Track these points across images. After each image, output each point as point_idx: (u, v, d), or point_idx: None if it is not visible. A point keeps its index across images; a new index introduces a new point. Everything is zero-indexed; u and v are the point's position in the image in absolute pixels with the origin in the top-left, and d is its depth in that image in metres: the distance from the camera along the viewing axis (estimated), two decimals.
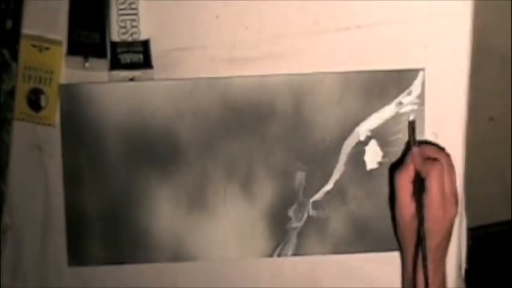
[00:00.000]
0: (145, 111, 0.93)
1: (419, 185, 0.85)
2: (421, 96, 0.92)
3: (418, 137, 0.92)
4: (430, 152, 0.87)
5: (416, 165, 0.85)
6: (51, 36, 0.93)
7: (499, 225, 1.44)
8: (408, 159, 0.87)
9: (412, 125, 0.90)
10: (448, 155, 0.87)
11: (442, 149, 0.89)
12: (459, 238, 0.94)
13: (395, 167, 0.89)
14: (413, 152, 0.86)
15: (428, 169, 0.84)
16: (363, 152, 0.93)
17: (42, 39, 0.93)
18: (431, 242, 0.84)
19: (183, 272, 0.95)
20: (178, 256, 0.94)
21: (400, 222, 0.87)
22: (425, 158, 0.86)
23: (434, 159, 0.85)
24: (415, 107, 0.92)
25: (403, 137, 0.92)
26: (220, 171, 0.93)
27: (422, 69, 0.92)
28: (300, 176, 0.93)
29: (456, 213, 0.85)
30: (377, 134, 0.92)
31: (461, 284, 0.95)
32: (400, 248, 0.89)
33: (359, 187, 0.93)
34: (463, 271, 0.96)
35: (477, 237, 0.97)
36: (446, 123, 0.92)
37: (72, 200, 0.94)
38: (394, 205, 0.87)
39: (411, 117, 0.90)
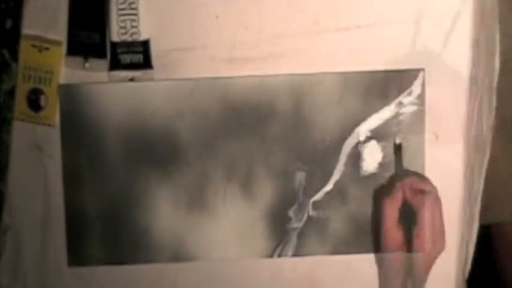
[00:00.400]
0: (145, 112, 0.93)
1: (407, 215, 0.85)
2: (421, 97, 0.92)
3: (418, 138, 0.92)
4: (420, 183, 0.87)
5: (407, 195, 0.86)
6: (51, 36, 0.93)
7: (499, 225, 1.43)
8: (397, 187, 0.87)
9: (398, 148, 0.90)
10: (435, 188, 0.87)
11: (429, 181, 0.89)
12: (460, 242, 0.94)
13: (379, 192, 0.90)
14: (405, 183, 0.87)
15: (421, 202, 0.85)
16: (363, 152, 0.93)
17: (42, 39, 0.93)
18: (419, 273, 0.85)
19: (183, 272, 0.95)
20: (178, 256, 0.94)
21: (384, 253, 0.87)
22: (416, 189, 0.86)
23: (425, 191, 0.86)
24: (415, 107, 0.92)
25: (403, 137, 0.92)
26: (220, 171, 0.93)
27: (423, 69, 0.91)
28: (300, 176, 0.93)
29: (443, 248, 0.86)
30: (377, 134, 0.92)
31: (463, 283, 0.95)
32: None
33: (359, 187, 0.93)
34: (466, 273, 0.96)
35: (477, 237, 0.97)
36: (446, 123, 0.92)
37: (72, 200, 0.94)
38: (378, 233, 0.87)
39: (397, 140, 0.90)
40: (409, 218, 0.85)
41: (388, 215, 0.86)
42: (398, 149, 0.90)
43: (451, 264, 0.93)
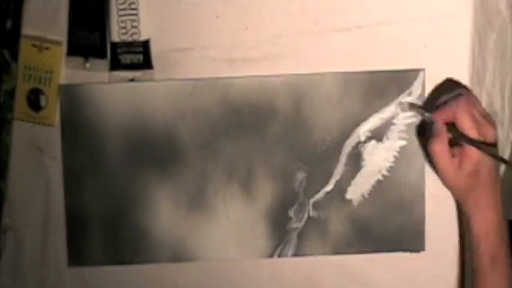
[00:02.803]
0: (145, 112, 0.93)
1: (454, 134, 0.84)
2: (421, 97, 0.92)
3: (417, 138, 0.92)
4: (446, 97, 0.86)
5: (445, 119, 0.85)
6: (51, 36, 0.93)
7: None
8: (437, 124, 0.85)
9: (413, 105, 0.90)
10: (462, 87, 0.87)
11: (450, 82, 0.88)
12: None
13: (421, 131, 0.91)
14: (439, 112, 0.85)
15: (456, 110, 0.83)
16: (363, 152, 0.93)
17: (42, 39, 0.93)
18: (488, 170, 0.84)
19: (183, 273, 0.95)
20: (178, 256, 0.94)
21: (450, 182, 0.87)
22: (446, 109, 0.85)
23: (454, 98, 0.85)
24: None
25: (404, 138, 0.92)
26: (220, 172, 0.93)
27: (422, 70, 0.91)
28: (300, 176, 0.93)
29: (495, 131, 0.85)
30: (377, 135, 0.92)
31: None
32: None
33: (359, 187, 0.93)
34: None
35: None
36: None
37: (72, 200, 0.94)
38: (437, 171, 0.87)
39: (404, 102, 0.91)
40: (456, 136, 0.85)
41: (442, 159, 0.85)
42: (412, 105, 0.90)
43: (451, 265, 0.93)
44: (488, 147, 0.84)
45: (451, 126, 0.85)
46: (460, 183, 0.85)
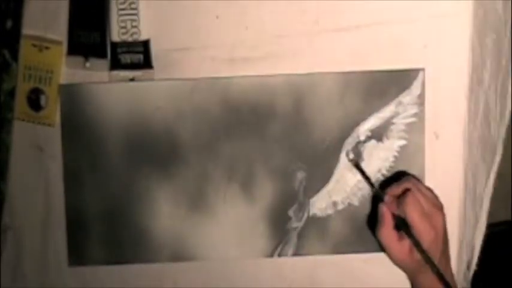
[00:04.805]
0: (145, 112, 0.93)
1: (402, 223, 0.85)
2: (421, 96, 0.92)
3: (418, 137, 0.92)
4: (396, 189, 0.86)
5: (392, 210, 0.85)
6: (51, 36, 0.93)
7: (499, 225, 1.44)
8: (382, 211, 0.86)
9: (357, 165, 0.90)
10: (410, 179, 0.87)
11: (400, 174, 0.88)
12: (460, 240, 0.94)
13: (371, 219, 0.91)
14: (385, 202, 0.86)
15: (404, 206, 0.84)
16: (363, 152, 0.93)
17: (42, 39, 0.93)
18: (436, 257, 0.84)
19: (183, 272, 0.95)
20: (178, 256, 0.94)
21: (400, 265, 0.87)
22: (396, 197, 0.86)
23: (403, 192, 0.85)
24: (415, 107, 0.92)
25: (404, 138, 0.92)
26: (220, 171, 0.93)
27: (422, 69, 0.92)
28: (300, 176, 0.93)
29: (443, 216, 0.86)
30: (377, 134, 0.92)
31: (465, 284, 0.95)
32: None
33: (359, 187, 0.93)
34: (471, 272, 0.95)
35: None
36: (446, 123, 0.92)
37: (72, 200, 0.94)
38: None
39: (351, 155, 0.91)
40: (402, 225, 0.85)
41: (389, 243, 0.86)
42: (357, 165, 0.90)
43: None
44: (426, 254, 0.84)
45: (401, 219, 0.85)
46: (408, 266, 0.86)
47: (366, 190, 0.93)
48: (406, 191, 0.85)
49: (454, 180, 0.93)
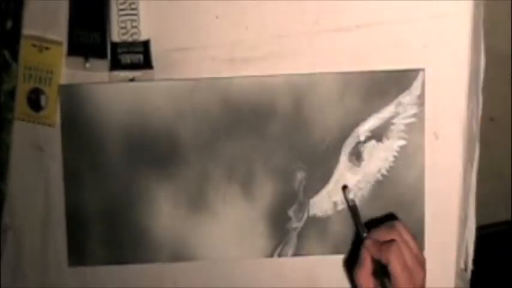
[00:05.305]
0: (145, 112, 0.93)
1: (381, 270, 0.84)
2: (421, 96, 0.92)
3: (418, 138, 0.92)
4: (382, 234, 0.85)
5: (374, 254, 0.84)
6: (51, 36, 0.93)
7: (499, 225, 1.44)
8: (363, 254, 0.85)
9: (353, 209, 0.90)
10: (398, 227, 0.85)
11: (390, 226, 0.86)
12: (460, 240, 0.94)
13: (349, 260, 0.90)
14: (367, 245, 0.85)
15: (387, 255, 0.83)
16: (363, 152, 0.93)
17: (42, 39, 0.93)
18: None
19: (183, 272, 0.95)
20: (178, 256, 0.94)
21: None
22: (380, 243, 0.84)
23: (389, 241, 0.84)
24: (415, 107, 0.92)
25: (404, 138, 0.92)
26: (220, 171, 0.93)
27: (422, 69, 0.92)
28: (300, 176, 0.93)
29: (424, 275, 0.84)
30: (377, 134, 0.92)
31: (463, 284, 0.95)
32: None
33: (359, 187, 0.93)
34: (468, 272, 0.95)
35: (477, 237, 0.97)
36: (446, 123, 0.92)
37: (72, 199, 0.94)
38: None
39: (350, 196, 0.90)
40: (381, 272, 0.84)
41: (365, 286, 0.85)
42: (353, 210, 0.90)
43: (451, 266, 0.93)
44: None
45: (383, 266, 0.84)
46: None
47: (365, 190, 0.93)
48: (391, 241, 0.84)
49: (454, 179, 0.93)
